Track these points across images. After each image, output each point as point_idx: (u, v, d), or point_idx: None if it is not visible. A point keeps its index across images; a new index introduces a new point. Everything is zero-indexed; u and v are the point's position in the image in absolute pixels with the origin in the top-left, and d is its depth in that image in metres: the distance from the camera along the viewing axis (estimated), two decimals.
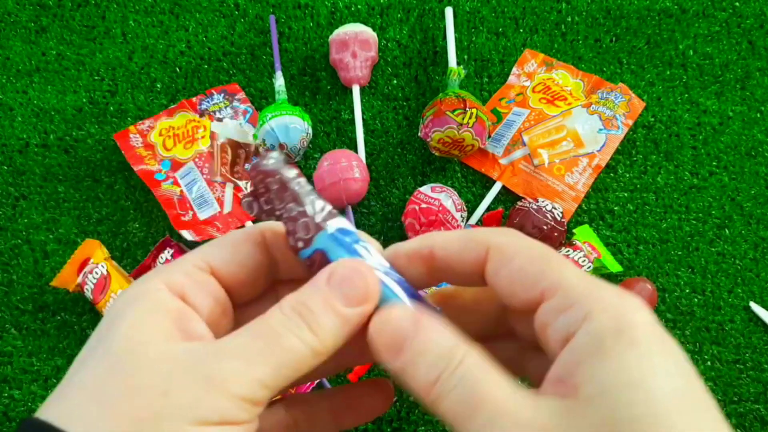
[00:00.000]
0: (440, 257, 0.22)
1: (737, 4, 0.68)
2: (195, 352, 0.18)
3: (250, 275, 0.22)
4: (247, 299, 0.23)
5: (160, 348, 0.18)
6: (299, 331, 0.19)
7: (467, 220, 0.58)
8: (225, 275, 0.22)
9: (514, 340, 0.23)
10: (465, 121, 0.55)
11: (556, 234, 0.54)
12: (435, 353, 0.19)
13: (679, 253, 0.58)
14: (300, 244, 0.21)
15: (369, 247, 0.22)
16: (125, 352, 0.18)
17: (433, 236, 0.22)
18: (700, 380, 0.17)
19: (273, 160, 0.22)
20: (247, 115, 0.63)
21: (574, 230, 0.56)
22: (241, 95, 0.65)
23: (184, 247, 0.56)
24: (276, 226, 0.23)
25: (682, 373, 0.17)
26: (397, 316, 0.20)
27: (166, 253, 0.54)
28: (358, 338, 0.20)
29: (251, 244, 0.22)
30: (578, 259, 0.54)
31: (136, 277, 0.54)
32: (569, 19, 0.68)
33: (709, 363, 0.54)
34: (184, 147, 0.61)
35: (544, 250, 0.20)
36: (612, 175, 0.61)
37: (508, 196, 0.60)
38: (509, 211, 0.58)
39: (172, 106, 0.64)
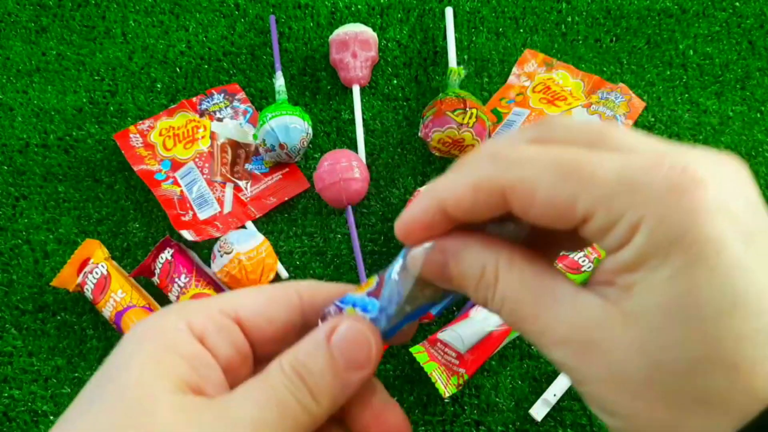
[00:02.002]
0: (458, 218, 0.19)
1: (737, 4, 0.68)
2: (203, 412, 0.18)
3: (278, 332, 0.21)
4: (272, 352, 0.22)
5: (171, 403, 0.18)
6: (300, 395, 0.19)
7: None
8: (251, 328, 0.21)
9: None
10: (465, 121, 0.55)
11: None
12: (486, 262, 0.19)
13: None
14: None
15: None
16: (135, 402, 0.18)
17: (438, 191, 0.19)
18: None
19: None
20: (247, 115, 0.63)
21: None
22: (241, 95, 0.65)
23: (184, 247, 0.56)
24: (315, 286, 0.22)
25: (748, 270, 0.15)
26: (468, 256, 0.19)
27: (166, 253, 0.54)
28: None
29: (285, 303, 0.21)
30: (578, 259, 0.54)
31: (136, 277, 0.54)
32: (569, 19, 0.68)
33: None
34: (184, 147, 0.61)
35: (564, 163, 0.16)
36: None
37: None
38: None
39: (172, 106, 0.64)
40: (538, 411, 0.50)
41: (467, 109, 0.56)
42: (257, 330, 0.21)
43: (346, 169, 0.56)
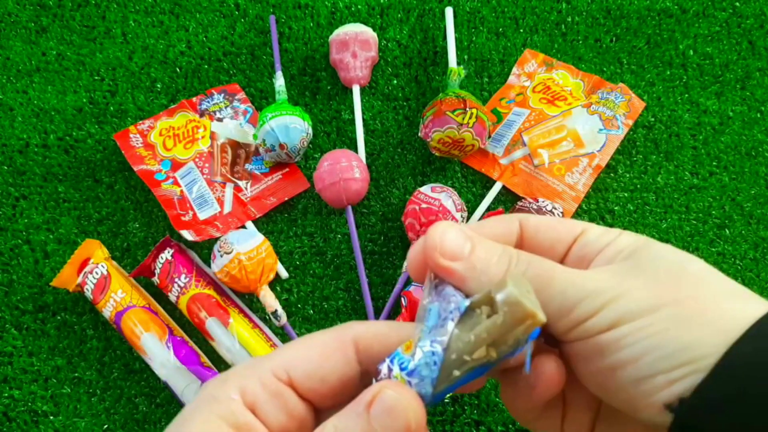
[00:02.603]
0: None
1: (737, 4, 0.68)
2: None
3: (335, 389, 0.21)
4: (334, 406, 0.21)
5: None
6: None
7: (467, 220, 0.58)
8: (305, 390, 0.21)
9: None
10: (465, 121, 0.55)
11: None
12: (500, 250, 0.22)
13: None
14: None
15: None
16: None
17: (486, 225, 0.24)
18: None
19: None
20: (247, 115, 0.63)
21: None
22: (241, 95, 0.65)
23: (184, 247, 0.56)
24: (373, 331, 0.22)
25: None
26: (452, 234, 0.22)
27: (166, 253, 0.54)
28: None
29: (339, 358, 0.21)
30: None
31: (136, 277, 0.54)
32: (569, 19, 0.68)
33: None
34: (184, 147, 0.61)
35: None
36: (612, 175, 0.61)
37: (508, 196, 0.60)
38: (509, 211, 0.58)
39: (172, 106, 0.64)
40: None
41: (467, 109, 0.56)
42: (311, 391, 0.21)
43: (346, 169, 0.56)
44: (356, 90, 0.63)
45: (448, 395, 0.23)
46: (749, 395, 0.17)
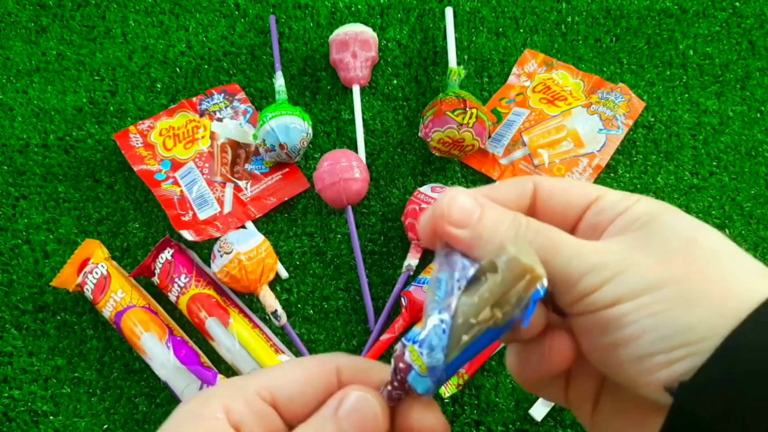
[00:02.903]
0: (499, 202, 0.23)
1: (737, 4, 0.68)
2: None
3: (314, 413, 0.21)
4: None
5: None
6: None
7: None
8: (287, 412, 0.21)
9: None
10: (465, 121, 0.55)
11: None
12: (507, 220, 0.22)
13: None
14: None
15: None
16: None
17: (495, 188, 0.24)
18: None
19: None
20: (247, 115, 0.63)
21: None
22: (241, 95, 0.65)
23: (184, 247, 0.56)
24: (356, 362, 0.22)
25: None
26: (462, 199, 0.22)
27: (166, 253, 0.54)
28: None
29: (322, 384, 0.21)
30: None
31: (136, 277, 0.54)
32: (569, 19, 0.68)
33: None
34: (184, 147, 0.61)
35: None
36: (612, 175, 0.61)
37: None
38: None
39: (172, 106, 0.64)
40: (538, 411, 0.50)
41: (467, 109, 0.56)
42: (293, 414, 0.21)
43: (346, 169, 0.56)
44: (356, 90, 0.63)
45: (463, 367, 0.23)
46: (748, 384, 0.17)
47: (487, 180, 0.61)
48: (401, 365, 0.20)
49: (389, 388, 0.21)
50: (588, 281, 0.20)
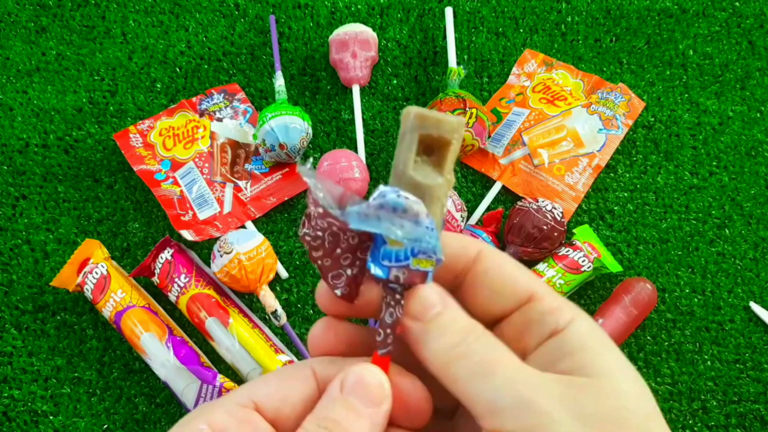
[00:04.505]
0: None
1: (737, 4, 0.68)
2: None
3: (297, 408, 0.22)
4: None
5: None
6: None
7: (467, 220, 0.58)
8: (270, 410, 0.21)
9: None
10: (465, 121, 0.55)
11: (556, 234, 0.54)
12: (461, 324, 0.21)
13: (679, 253, 0.58)
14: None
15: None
16: None
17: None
18: None
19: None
20: (247, 115, 0.63)
21: (574, 230, 0.56)
22: (241, 95, 0.65)
23: (184, 247, 0.56)
24: (328, 360, 0.22)
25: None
26: (428, 292, 0.21)
27: (166, 253, 0.54)
28: None
29: (299, 378, 0.22)
30: (578, 259, 0.54)
31: (136, 277, 0.54)
32: (569, 19, 0.68)
33: (709, 363, 0.54)
34: (184, 147, 0.61)
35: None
36: (612, 175, 0.61)
37: (508, 196, 0.60)
38: (509, 211, 0.58)
39: (172, 106, 0.64)
40: None
41: (467, 109, 0.56)
42: (275, 411, 0.21)
43: (346, 169, 0.56)
44: (356, 90, 0.63)
45: None
46: None
47: (487, 180, 0.61)
48: (416, 279, 0.20)
49: (388, 317, 0.21)
50: (507, 419, 0.19)
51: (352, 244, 0.21)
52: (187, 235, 0.56)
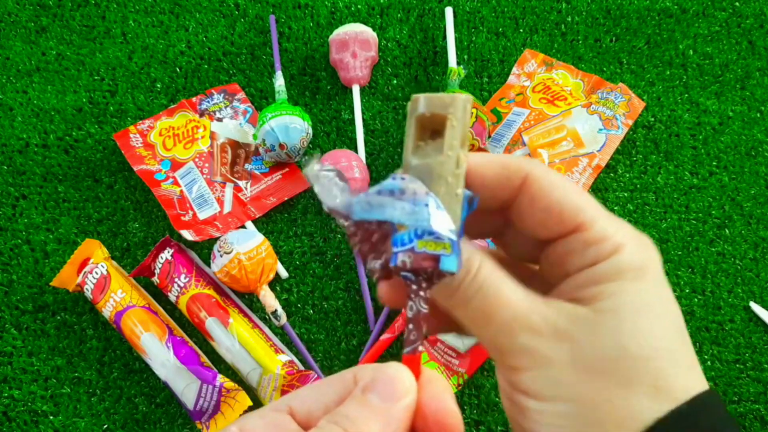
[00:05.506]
0: (473, 179, 0.21)
1: (737, 4, 0.68)
2: None
3: (330, 410, 0.21)
4: None
5: None
6: None
7: None
8: (302, 413, 0.21)
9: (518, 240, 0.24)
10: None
11: None
12: (473, 255, 0.20)
13: (679, 253, 0.58)
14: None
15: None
16: None
17: (470, 157, 0.22)
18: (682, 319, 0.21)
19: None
20: (247, 115, 0.63)
21: None
22: (241, 95, 0.65)
23: (184, 247, 0.56)
24: (371, 367, 0.21)
25: (674, 313, 0.20)
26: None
27: (166, 253, 0.54)
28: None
29: (337, 381, 0.21)
30: None
31: (136, 277, 0.54)
32: (569, 19, 0.68)
33: (709, 363, 0.54)
34: (184, 147, 0.61)
35: (578, 187, 0.21)
36: (612, 175, 0.61)
37: None
38: None
39: (172, 106, 0.64)
40: None
41: None
42: (307, 413, 0.21)
43: (346, 169, 0.56)
44: (356, 90, 0.63)
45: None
46: None
47: None
48: (425, 264, 0.19)
49: (409, 311, 0.20)
50: (511, 360, 0.20)
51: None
52: (187, 235, 0.56)
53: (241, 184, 0.60)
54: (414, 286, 0.19)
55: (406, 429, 0.19)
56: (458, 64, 0.64)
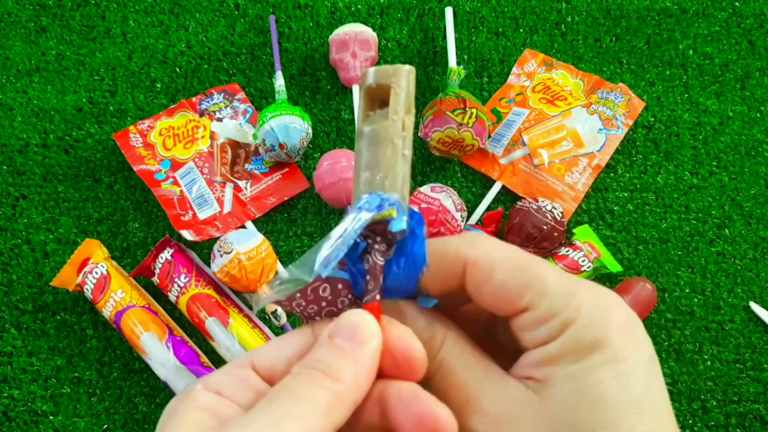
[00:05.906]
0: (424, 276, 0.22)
1: (737, 4, 0.68)
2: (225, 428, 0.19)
3: (292, 362, 0.21)
4: None
5: None
6: (318, 381, 0.19)
7: (467, 220, 0.58)
8: (265, 368, 0.21)
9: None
10: (465, 121, 0.55)
11: (556, 234, 0.54)
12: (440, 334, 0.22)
13: (679, 253, 0.58)
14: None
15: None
16: None
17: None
18: (662, 386, 0.20)
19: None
20: (247, 115, 0.63)
21: (574, 230, 0.56)
22: (241, 95, 0.65)
23: (184, 247, 0.56)
24: (326, 320, 0.22)
25: (644, 381, 0.19)
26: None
27: (166, 253, 0.54)
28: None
29: (296, 335, 0.22)
30: (578, 259, 0.54)
31: (136, 277, 0.54)
32: (569, 19, 0.68)
33: (709, 363, 0.54)
34: (184, 147, 0.61)
35: (522, 259, 0.21)
36: (612, 175, 0.61)
37: (508, 196, 0.60)
38: (509, 211, 0.58)
39: (172, 106, 0.64)
40: None
41: (467, 109, 0.56)
42: (270, 368, 0.21)
43: (346, 169, 0.56)
44: (356, 90, 0.63)
45: None
46: None
47: (487, 180, 0.61)
48: (377, 227, 0.21)
49: (366, 264, 0.21)
50: (473, 422, 0.20)
51: (341, 308, 0.22)
52: (187, 235, 0.56)
53: (241, 184, 0.60)
54: (370, 241, 0.21)
55: (376, 369, 0.20)
56: (458, 64, 0.64)
